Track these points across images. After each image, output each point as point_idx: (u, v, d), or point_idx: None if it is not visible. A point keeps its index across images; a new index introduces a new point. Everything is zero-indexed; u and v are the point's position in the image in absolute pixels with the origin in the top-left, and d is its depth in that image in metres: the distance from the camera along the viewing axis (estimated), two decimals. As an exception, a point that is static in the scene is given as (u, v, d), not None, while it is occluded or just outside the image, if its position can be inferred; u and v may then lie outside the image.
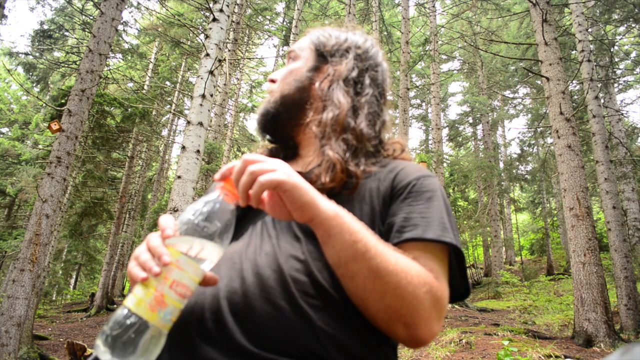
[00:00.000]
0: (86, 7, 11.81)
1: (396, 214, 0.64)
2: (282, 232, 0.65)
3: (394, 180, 0.69)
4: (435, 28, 12.26)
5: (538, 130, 15.67)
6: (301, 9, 10.42)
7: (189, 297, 0.50)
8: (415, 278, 0.55)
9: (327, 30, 0.86)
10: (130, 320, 0.46)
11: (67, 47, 12.46)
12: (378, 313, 0.55)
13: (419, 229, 0.61)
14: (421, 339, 0.56)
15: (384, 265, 0.54)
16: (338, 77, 0.78)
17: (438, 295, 0.57)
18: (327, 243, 0.56)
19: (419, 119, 21.40)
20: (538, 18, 6.21)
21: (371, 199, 0.67)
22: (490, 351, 4.37)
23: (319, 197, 0.55)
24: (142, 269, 0.50)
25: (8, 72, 8.46)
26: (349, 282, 0.56)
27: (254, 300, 0.56)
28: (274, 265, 0.59)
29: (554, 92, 5.89)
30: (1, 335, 4.08)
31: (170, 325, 0.49)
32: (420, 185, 0.67)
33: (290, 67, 0.82)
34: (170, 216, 0.54)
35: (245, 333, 0.54)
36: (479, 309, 9.44)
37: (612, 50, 10.85)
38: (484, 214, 14.75)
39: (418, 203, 0.65)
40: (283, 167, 0.55)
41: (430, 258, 0.60)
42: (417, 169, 0.72)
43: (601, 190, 6.99)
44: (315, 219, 0.54)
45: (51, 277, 14.63)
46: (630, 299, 6.20)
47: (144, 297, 0.47)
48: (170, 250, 0.50)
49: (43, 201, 4.53)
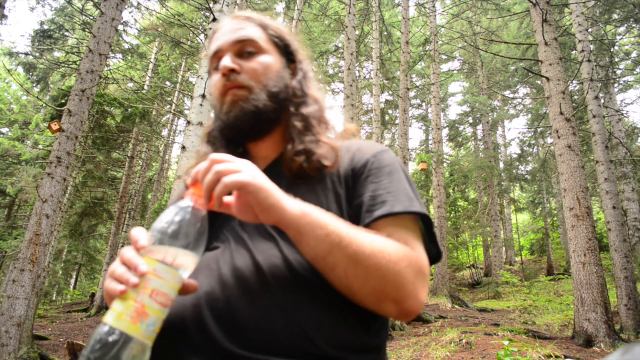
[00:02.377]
0: (86, 7, 11.81)
1: (362, 194, 0.65)
2: (255, 233, 0.64)
3: (352, 161, 0.70)
4: (435, 28, 12.27)
5: (538, 130, 15.68)
6: (301, 9, 10.43)
7: (169, 306, 0.49)
8: (393, 255, 0.56)
9: (267, 19, 0.82)
10: (111, 338, 0.44)
11: (67, 47, 12.46)
12: (366, 297, 0.56)
13: (388, 205, 0.62)
14: (411, 310, 0.57)
15: (361, 251, 0.54)
16: (304, 73, 0.81)
17: (419, 265, 0.58)
18: (300, 242, 0.56)
19: (419, 119, 21.41)
20: (538, 18, 6.21)
21: (333, 184, 0.68)
22: (490, 351, 4.37)
23: (284, 197, 0.55)
24: (119, 283, 0.48)
25: (8, 72, 8.47)
26: (331, 274, 0.56)
27: (237, 303, 0.56)
28: (252, 266, 0.59)
29: (554, 92, 5.89)
30: (1, 335, 4.08)
31: (153, 336, 0.48)
32: (379, 162, 0.69)
33: (263, 61, 0.75)
34: (141, 228, 0.54)
35: (231, 337, 0.54)
36: (479, 309, 9.44)
37: (612, 50, 10.85)
38: (484, 214, 14.76)
39: (380, 179, 0.66)
40: (250, 168, 0.55)
41: (403, 231, 0.62)
42: (371, 146, 0.73)
43: (601, 190, 6.99)
44: (283, 220, 0.54)
45: (51, 277, 14.62)
46: (630, 299, 6.20)
47: (123, 310, 0.46)
48: (146, 260, 0.49)
49: (43, 201, 4.53)
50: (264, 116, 0.73)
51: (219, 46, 0.76)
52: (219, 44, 0.76)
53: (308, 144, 0.72)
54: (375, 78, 10.68)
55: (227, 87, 0.73)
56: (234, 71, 0.73)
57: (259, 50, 0.76)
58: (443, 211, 11.25)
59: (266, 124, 0.74)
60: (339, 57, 17.13)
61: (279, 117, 0.76)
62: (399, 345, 5.41)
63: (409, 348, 4.97)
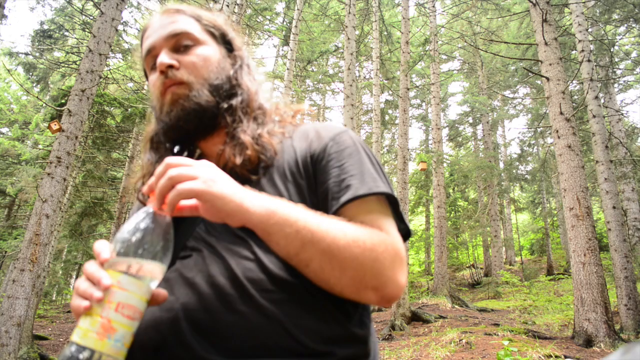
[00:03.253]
0: (86, 7, 11.80)
1: (325, 180, 0.63)
2: (224, 236, 0.61)
3: (310, 147, 0.67)
4: (435, 28, 12.26)
5: (538, 130, 15.68)
6: (301, 9, 10.43)
7: (138, 319, 0.48)
8: (368, 242, 0.55)
9: (199, 10, 0.78)
10: (81, 356, 0.43)
11: (67, 47, 12.46)
12: (344, 288, 0.55)
13: (352, 189, 0.60)
14: (392, 296, 0.56)
15: (335, 243, 0.53)
16: (242, 62, 0.77)
17: (395, 249, 0.57)
18: (270, 241, 0.55)
19: (419, 119, 21.39)
20: (538, 18, 6.21)
21: (293, 175, 0.65)
22: (490, 351, 4.37)
23: (247, 198, 0.53)
24: (83, 299, 0.47)
25: (8, 72, 8.47)
26: (306, 270, 0.55)
27: (216, 313, 0.54)
28: (226, 271, 0.57)
29: (554, 92, 5.89)
30: (1, 335, 4.08)
31: (124, 351, 0.46)
32: (339, 144, 0.66)
33: (201, 53, 0.71)
34: (103, 240, 0.52)
35: (214, 348, 0.52)
36: (479, 309, 9.44)
37: (612, 50, 10.85)
38: (484, 214, 14.75)
39: (342, 163, 0.63)
40: (207, 172, 0.53)
41: (373, 214, 0.60)
42: (329, 128, 0.70)
43: (601, 190, 6.99)
44: (248, 222, 0.53)
45: (51, 277, 14.63)
46: (630, 299, 6.20)
47: (89, 327, 0.45)
48: (110, 273, 0.47)
49: (43, 201, 4.53)
50: (207, 113, 0.68)
51: (151, 44, 0.71)
52: (152, 41, 0.71)
53: (241, 137, 0.68)
54: (375, 78, 10.68)
55: (166, 85, 0.68)
56: (172, 67, 0.68)
57: (196, 42, 0.71)
58: (443, 211, 11.25)
59: (211, 121, 0.70)
60: (339, 57, 17.14)
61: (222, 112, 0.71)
62: (399, 345, 5.41)
63: (409, 348, 4.97)
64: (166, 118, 0.68)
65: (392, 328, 6.86)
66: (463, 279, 16.29)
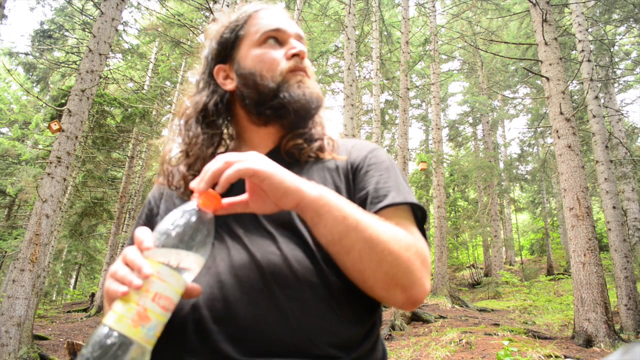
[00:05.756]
0: (86, 7, 11.80)
1: (365, 187, 0.68)
2: (252, 229, 0.63)
3: (350, 157, 0.74)
4: (435, 28, 12.26)
5: (538, 130, 15.69)
6: (301, 9, 10.42)
7: (171, 310, 0.48)
8: (403, 242, 0.57)
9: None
10: (111, 340, 0.43)
11: (67, 47, 12.46)
12: (377, 282, 0.56)
13: (390, 196, 0.65)
14: (417, 298, 0.58)
15: (376, 235, 0.55)
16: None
17: (424, 254, 0.60)
18: (318, 224, 0.55)
19: (419, 119, 21.39)
20: (538, 18, 6.21)
21: (332, 177, 0.70)
22: (490, 351, 4.37)
23: (300, 180, 0.55)
24: (120, 284, 0.47)
25: (8, 72, 8.47)
26: (345, 257, 0.56)
27: (236, 304, 0.55)
28: (251, 264, 0.58)
29: (554, 92, 5.89)
30: (1, 335, 4.08)
31: (154, 340, 0.47)
32: (377, 157, 0.73)
33: (307, 61, 0.77)
34: (146, 228, 0.52)
35: (231, 340, 0.53)
36: (479, 309, 9.44)
37: (612, 50, 10.86)
38: (484, 214, 14.76)
39: (381, 173, 0.70)
40: (259, 157, 0.54)
41: (405, 220, 0.65)
42: (366, 144, 0.78)
43: (601, 190, 6.99)
44: (302, 202, 0.54)
45: (51, 277, 14.63)
46: (630, 299, 6.20)
47: (125, 313, 0.45)
48: (150, 262, 0.48)
49: (43, 201, 4.53)
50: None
51: (284, 27, 0.75)
52: (284, 25, 0.76)
53: (308, 132, 0.75)
54: (375, 78, 10.68)
55: (299, 68, 0.74)
56: (303, 58, 0.75)
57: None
58: (443, 211, 11.25)
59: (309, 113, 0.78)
60: (339, 57, 17.12)
61: None
62: (399, 345, 5.41)
63: (409, 348, 4.97)
64: (299, 92, 0.72)
65: (392, 328, 6.86)
66: (463, 279, 16.30)
